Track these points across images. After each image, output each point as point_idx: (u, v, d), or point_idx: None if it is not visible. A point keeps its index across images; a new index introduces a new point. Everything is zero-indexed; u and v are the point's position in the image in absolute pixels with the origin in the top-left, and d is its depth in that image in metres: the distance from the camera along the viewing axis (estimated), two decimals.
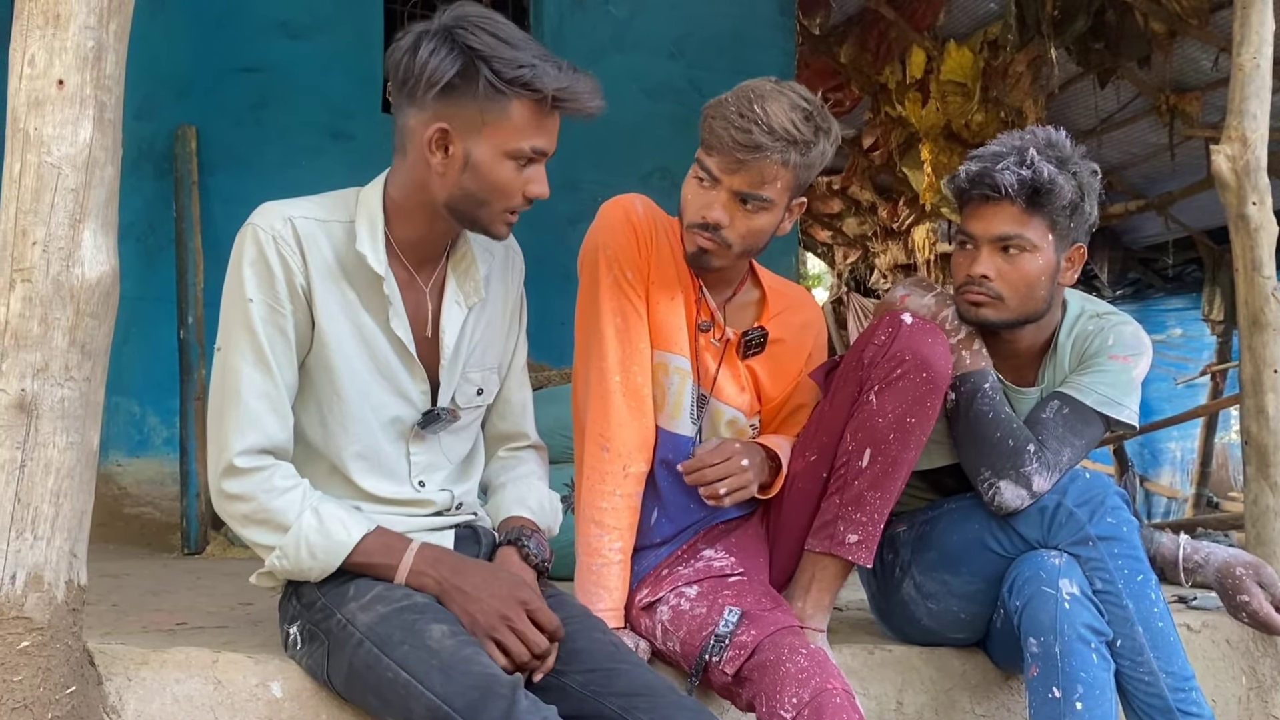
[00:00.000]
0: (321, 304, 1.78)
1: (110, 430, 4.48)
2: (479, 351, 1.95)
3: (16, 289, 1.51)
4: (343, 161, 4.78)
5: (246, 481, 1.73)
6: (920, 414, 2.02)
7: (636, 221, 2.07)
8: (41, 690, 1.50)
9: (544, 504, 1.98)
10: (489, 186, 1.76)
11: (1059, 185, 2.13)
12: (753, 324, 2.19)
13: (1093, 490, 2.10)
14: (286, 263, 1.74)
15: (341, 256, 1.80)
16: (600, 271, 2.06)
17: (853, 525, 2.05)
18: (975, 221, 2.21)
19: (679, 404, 2.11)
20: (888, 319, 2.06)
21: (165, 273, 4.55)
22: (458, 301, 1.89)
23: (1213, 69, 5.90)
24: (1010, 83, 6.41)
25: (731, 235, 2.02)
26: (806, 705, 1.76)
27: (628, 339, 2.06)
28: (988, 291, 2.18)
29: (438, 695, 1.57)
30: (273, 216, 1.76)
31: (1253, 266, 2.67)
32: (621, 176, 1.99)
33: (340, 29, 5.01)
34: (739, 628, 1.91)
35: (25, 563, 1.50)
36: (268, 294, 1.74)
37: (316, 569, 1.74)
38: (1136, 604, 2.02)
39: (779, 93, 1.98)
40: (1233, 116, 2.68)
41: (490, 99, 1.71)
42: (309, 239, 1.77)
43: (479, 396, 1.96)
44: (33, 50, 1.54)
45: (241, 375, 1.74)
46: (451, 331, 1.88)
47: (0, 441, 1.49)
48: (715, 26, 5.67)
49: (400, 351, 1.84)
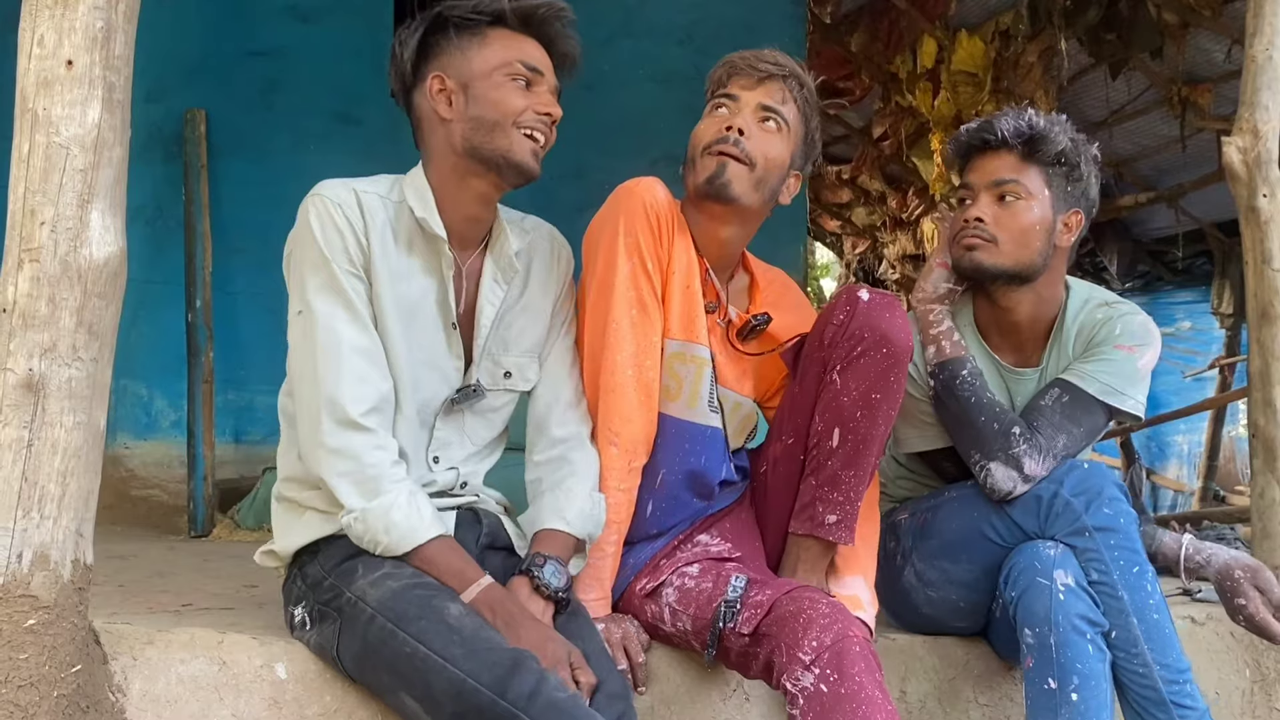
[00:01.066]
0: (380, 270, 1.83)
1: (118, 413, 4.49)
2: (514, 334, 1.98)
3: (24, 269, 1.52)
4: (352, 146, 4.78)
5: (355, 438, 1.75)
6: (885, 389, 2.03)
7: (657, 207, 2.03)
8: (47, 668, 1.51)
9: (584, 511, 1.93)
10: (492, 104, 1.85)
11: (1054, 134, 2.22)
12: (746, 307, 2.20)
13: (1090, 481, 2.10)
14: (353, 228, 1.82)
15: (396, 229, 1.87)
16: (619, 259, 2.01)
17: (830, 505, 2.07)
18: (974, 171, 2.29)
19: (696, 392, 2.09)
20: (845, 296, 2.08)
21: (174, 256, 4.55)
22: (496, 280, 1.94)
23: (1225, 61, 5.87)
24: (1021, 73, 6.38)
25: (753, 149, 2.05)
26: (828, 649, 1.76)
27: (643, 331, 2.02)
28: (982, 234, 2.23)
29: (462, 670, 1.57)
30: (336, 187, 1.85)
31: (1263, 259, 2.66)
32: (629, 163, 1.99)
33: (350, 13, 5.00)
34: (749, 591, 1.92)
35: (32, 542, 1.50)
36: (342, 257, 1.80)
37: (383, 544, 1.74)
38: (1132, 596, 2.02)
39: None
40: (1244, 108, 2.67)
41: (464, 38, 1.87)
42: (370, 210, 1.84)
43: (506, 379, 1.98)
44: (42, 30, 1.54)
45: (338, 332, 1.77)
46: (489, 310, 1.93)
47: (8, 421, 1.50)
48: (725, 14, 5.65)
49: (444, 323, 1.90)
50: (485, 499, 2.00)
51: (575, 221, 2.11)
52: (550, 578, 1.81)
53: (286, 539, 1.87)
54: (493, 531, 1.95)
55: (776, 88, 2.09)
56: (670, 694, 2.04)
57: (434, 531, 1.75)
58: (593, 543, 1.96)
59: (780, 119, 2.09)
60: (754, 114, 2.08)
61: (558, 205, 2.46)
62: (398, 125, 1.88)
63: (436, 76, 1.88)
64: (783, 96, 2.09)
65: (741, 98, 2.09)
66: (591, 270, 2.06)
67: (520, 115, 1.85)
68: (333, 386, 1.75)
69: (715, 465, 2.12)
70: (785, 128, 2.09)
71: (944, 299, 2.30)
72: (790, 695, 1.77)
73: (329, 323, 1.77)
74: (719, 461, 2.13)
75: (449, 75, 1.88)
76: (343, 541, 1.80)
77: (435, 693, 1.59)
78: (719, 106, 2.12)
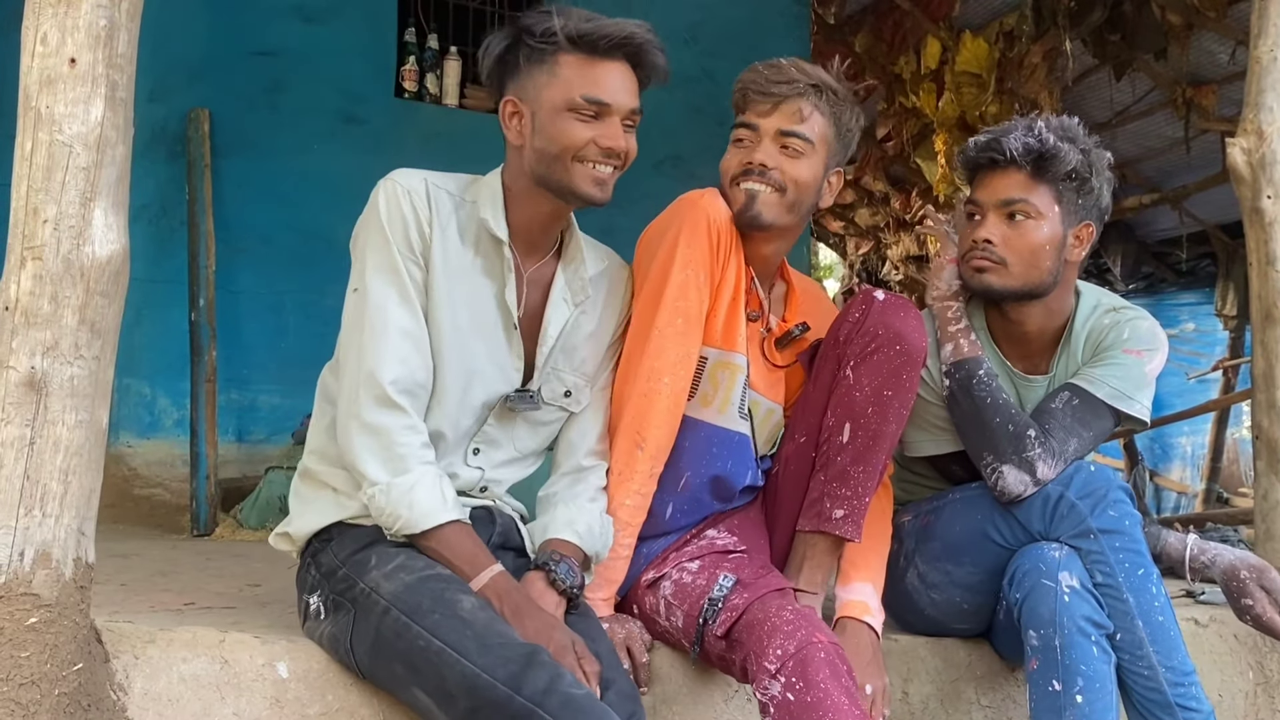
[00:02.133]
0: (439, 261, 1.85)
1: (121, 412, 4.49)
2: (579, 356, 2.00)
3: (27, 267, 1.52)
4: (356, 146, 4.77)
5: (387, 416, 1.77)
6: (897, 387, 2.03)
7: (719, 223, 2.04)
8: (48, 667, 1.51)
9: (593, 528, 1.93)
10: (553, 139, 1.85)
11: (1064, 152, 2.17)
12: (783, 315, 2.22)
13: (1096, 483, 2.09)
14: (418, 215, 1.84)
15: (463, 225, 1.89)
16: (674, 268, 2.00)
17: (838, 501, 2.07)
18: (982, 189, 2.25)
19: (728, 399, 2.10)
20: (861, 296, 2.09)
21: (177, 255, 4.55)
22: (565, 298, 1.96)
23: (1230, 62, 5.86)
24: (1025, 74, 6.37)
25: (782, 177, 2.05)
26: (791, 657, 1.76)
27: (684, 342, 2.02)
28: (990, 256, 2.20)
29: (477, 665, 1.57)
30: (410, 175, 1.88)
31: (1266, 261, 2.66)
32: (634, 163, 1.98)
33: (354, 13, 5.00)
34: (732, 592, 1.92)
35: (34, 540, 1.50)
36: (403, 242, 1.82)
37: (402, 521, 1.75)
38: (1137, 598, 2.02)
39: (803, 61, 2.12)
40: (1249, 109, 2.66)
41: (535, 62, 1.86)
42: (437, 201, 1.87)
43: (566, 399, 1.99)
44: (45, 28, 1.54)
45: (388, 312, 1.80)
46: (556, 324, 1.94)
47: (10, 419, 1.50)
48: (729, 14, 5.65)
49: (505, 320, 1.91)
50: (504, 504, 2.00)
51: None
52: (565, 575, 1.83)
53: (302, 520, 1.87)
54: (505, 532, 1.95)
55: (793, 109, 2.07)
56: (672, 694, 2.04)
57: (454, 514, 1.77)
58: (598, 563, 1.97)
59: (802, 139, 2.07)
60: (774, 141, 2.07)
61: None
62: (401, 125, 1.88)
63: (509, 101, 1.89)
64: (802, 115, 2.07)
65: (760, 126, 2.08)
66: (643, 273, 2.06)
67: (582, 149, 1.85)
68: (374, 363, 1.78)
69: (740, 471, 2.13)
70: (810, 145, 2.07)
71: (959, 294, 2.29)
72: (761, 704, 1.79)
73: (381, 301, 1.80)
74: (745, 467, 2.14)
75: (521, 100, 1.88)
76: (356, 531, 1.81)
77: (449, 687, 1.59)
78: (740, 138, 2.11)
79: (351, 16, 4.99)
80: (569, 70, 1.84)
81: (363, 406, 1.77)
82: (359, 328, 1.81)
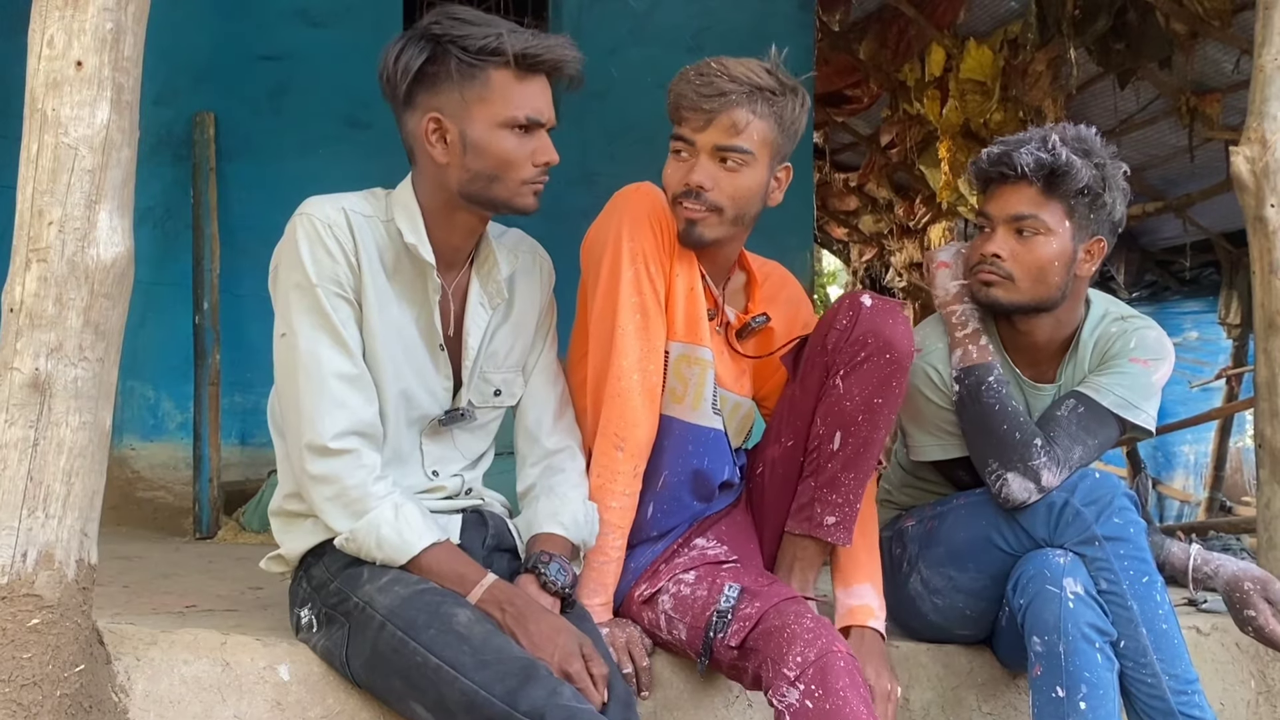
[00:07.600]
0: (368, 293, 1.80)
1: (125, 414, 4.50)
2: (502, 353, 1.97)
3: (32, 269, 1.52)
4: (361, 150, 4.77)
5: (334, 463, 1.74)
6: (887, 394, 2.03)
7: (657, 212, 2.02)
8: (50, 667, 1.51)
9: (578, 518, 1.93)
10: (494, 161, 1.79)
11: (1076, 168, 2.14)
12: (744, 306, 2.20)
13: (1101, 490, 2.09)
14: (343, 248, 1.78)
15: (383, 250, 1.84)
16: (623, 264, 1.99)
17: (829, 507, 2.08)
18: (993, 202, 2.23)
19: (699, 395, 2.09)
20: (848, 302, 2.07)
21: (182, 259, 4.55)
22: (482, 304, 1.92)
23: (1234, 71, 5.86)
24: (1030, 82, 6.37)
25: (719, 198, 2.00)
26: (811, 665, 1.76)
27: (647, 336, 2.01)
28: (998, 271, 2.19)
29: (474, 681, 1.57)
30: (326, 206, 1.80)
31: (1270, 269, 2.65)
32: (638, 170, 1.98)
33: (360, 17, 5.00)
34: (740, 602, 1.92)
35: (36, 541, 1.51)
36: (330, 279, 1.77)
37: (379, 559, 1.74)
38: (1141, 605, 2.02)
39: (735, 58, 2.03)
40: (1253, 118, 2.66)
41: (466, 77, 1.77)
42: (359, 229, 1.81)
43: (496, 397, 1.98)
44: (51, 31, 1.55)
45: (320, 358, 1.75)
46: (475, 333, 1.91)
47: (14, 420, 1.50)
48: (734, 20, 5.65)
49: (430, 346, 1.88)
50: (490, 501, 2.00)
51: (584, 227, 2.11)
52: (556, 575, 1.82)
53: (292, 544, 1.87)
54: (498, 533, 1.95)
55: (728, 122, 1.97)
56: (673, 699, 2.04)
57: (426, 540, 1.75)
58: (587, 549, 1.97)
59: (741, 152, 1.98)
60: (712, 158, 2.00)
61: (566, 211, 2.46)
62: None
63: (433, 117, 1.79)
64: (738, 127, 1.97)
65: (696, 141, 2.00)
66: (594, 275, 2.05)
67: (521, 171, 1.80)
68: (311, 414, 1.75)
69: (718, 466, 2.12)
70: (750, 155, 2.00)
71: (960, 297, 2.28)
72: (777, 711, 1.78)
73: (311, 348, 1.76)
74: (722, 463, 2.13)
75: (446, 119, 1.78)
76: None
77: (448, 703, 1.60)
78: (677, 149, 2.04)
79: (357, 20, 5.00)
80: (505, 87, 1.77)
81: (308, 461, 1.75)
82: (293, 376, 1.76)
